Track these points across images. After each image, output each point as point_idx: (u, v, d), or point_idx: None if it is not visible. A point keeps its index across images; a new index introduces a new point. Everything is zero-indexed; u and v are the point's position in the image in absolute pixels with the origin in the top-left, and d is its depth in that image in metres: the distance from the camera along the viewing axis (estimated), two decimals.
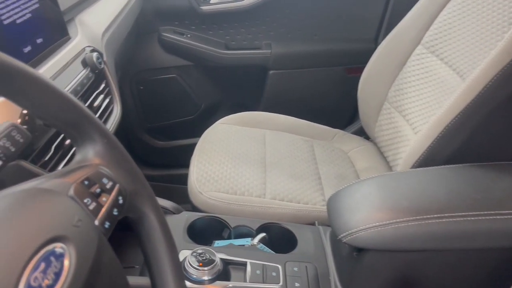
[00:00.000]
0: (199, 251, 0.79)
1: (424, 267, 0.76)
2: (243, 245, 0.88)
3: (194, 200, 1.05)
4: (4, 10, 0.59)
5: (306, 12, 1.46)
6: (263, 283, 0.78)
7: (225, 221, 0.93)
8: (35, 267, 0.31)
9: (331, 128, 1.36)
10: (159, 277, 0.50)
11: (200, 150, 1.18)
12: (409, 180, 0.80)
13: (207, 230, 0.93)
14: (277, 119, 1.35)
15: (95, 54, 0.76)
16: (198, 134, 1.27)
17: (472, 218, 0.70)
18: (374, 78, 1.23)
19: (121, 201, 0.45)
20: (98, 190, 0.43)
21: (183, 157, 1.33)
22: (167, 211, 0.93)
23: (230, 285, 0.77)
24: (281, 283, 0.79)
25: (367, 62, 1.23)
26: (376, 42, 1.49)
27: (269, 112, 1.35)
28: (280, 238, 0.93)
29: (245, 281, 0.79)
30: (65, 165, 0.63)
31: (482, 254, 0.75)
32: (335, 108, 1.61)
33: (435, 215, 0.71)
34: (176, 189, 1.55)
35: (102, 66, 0.78)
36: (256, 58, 1.50)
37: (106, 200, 0.43)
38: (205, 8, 1.42)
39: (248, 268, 0.81)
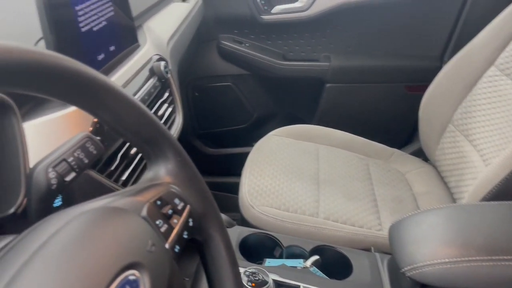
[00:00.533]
0: (252, 271, 0.77)
1: None
2: (296, 266, 0.85)
3: (244, 213, 1.03)
4: (83, 18, 0.60)
5: (368, 26, 1.42)
6: None
7: (277, 239, 0.90)
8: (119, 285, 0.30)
9: (388, 147, 1.31)
10: None
11: (252, 161, 1.17)
12: (483, 215, 0.74)
13: (258, 247, 0.91)
14: (332, 134, 1.31)
15: (162, 63, 0.76)
16: (249, 143, 1.25)
17: None
18: (439, 97, 1.17)
19: (191, 224, 0.44)
20: (170, 212, 0.42)
21: (233, 166, 1.32)
22: None
23: None
24: None
25: (430, 80, 1.18)
26: (441, 60, 1.42)
27: (323, 126, 1.32)
28: (334, 262, 0.89)
29: None
30: (129, 175, 0.62)
31: None
32: (393, 126, 1.54)
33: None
34: (224, 197, 1.54)
35: (168, 75, 0.78)
36: (313, 70, 1.47)
37: (177, 222, 0.42)
38: (266, 17, 1.41)
39: None
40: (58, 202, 0.48)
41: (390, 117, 1.52)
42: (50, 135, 0.50)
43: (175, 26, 1.02)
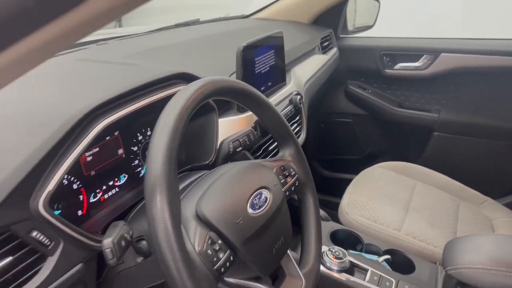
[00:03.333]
0: (335, 249, 1.08)
1: None
2: (370, 259, 1.13)
3: (341, 218, 1.33)
4: (257, 65, 1.02)
5: (478, 87, 1.61)
6: (377, 286, 1.02)
7: (360, 237, 1.19)
8: (255, 196, 0.67)
9: (482, 195, 1.47)
10: (306, 238, 0.81)
11: (355, 183, 1.46)
12: None
13: (345, 240, 1.20)
14: (431, 174, 1.53)
15: (298, 97, 1.14)
16: (358, 172, 1.54)
17: None
18: None
19: (296, 184, 0.79)
20: (286, 173, 0.77)
21: (340, 188, 1.62)
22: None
23: (351, 279, 1.03)
24: None
25: None
26: None
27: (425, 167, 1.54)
28: (401, 263, 1.13)
29: (363, 280, 1.03)
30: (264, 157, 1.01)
31: None
32: (490, 177, 1.67)
33: None
34: (327, 211, 1.85)
35: (301, 105, 1.16)
36: (424, 119, 1.71)
37: (290, 181, 0.78)
38: (388, 71, 1.72)
39: (369, 273, 1.05)
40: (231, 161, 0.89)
41: (489, 169, 1.66)
42: (231, 127, 0.91)
43: (313, 72, 1.41)
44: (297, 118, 1.19)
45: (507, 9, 2.59)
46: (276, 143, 1.07)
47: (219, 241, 0.58)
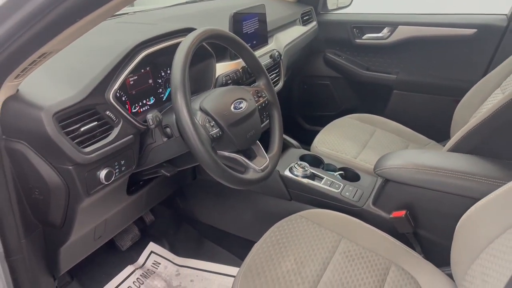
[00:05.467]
0: (301, 163, 1.49)
1: (421, 199, 1.27)
2: (327, 172, 1.54)
3: (311, 150, 1.74)
4: (245, 27, 1.41)
5: (429, 53, 2.00)
6: (329, 187, 1.43)
7: (322, 159, 1.60)
8: (236, 101, 1.08)
9: (427, 138, 1.86)
10: (272, 136, 1.21)
11: (327, 128, 1.86)
12: (437, 154, 1.32)
13: (311, 161, 1.61)
14: (389, 123, 1.92)
15: (277, 53, 1.54)
16: None
17: (453, 175, 1.20)
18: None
19: (266, 103, 1.20)
20: (259, 95, 1.18)
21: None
22: (292, 145, 1.66)
23: (311, 182, 1.44)
24: (338, 190, 1.42)
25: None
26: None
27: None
28: (351, 176, 1.54)
29: (320, 183, 1.44)
30: None
31: (454, 199, 1.21)
32: (436, 125, 2.04)
33: (435, 170, 1.22)
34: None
35: (279, 60, 1.56)
36: (386, 79, 2.10)
37: (261, 100, 1.18)
38: (358, 41, 2.11)
39: (324, 179, 1.46)
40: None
41: (436, 119, 2.05)
42: (225, 69, 1.31)
43: (292, 38, 1.80)
44: (277, 70, 1.59)
45: None
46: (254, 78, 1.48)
47: (212, 122, 1.00)
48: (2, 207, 0.92)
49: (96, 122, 0.93)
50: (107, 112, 0.96)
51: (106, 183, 0.99)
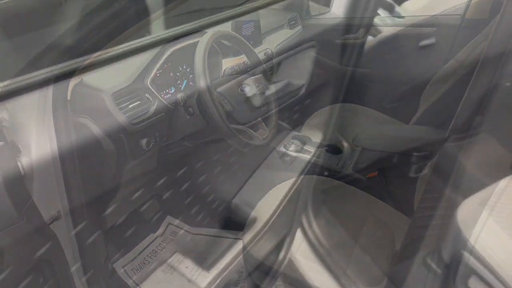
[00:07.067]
0: (293, 140, 1.81)
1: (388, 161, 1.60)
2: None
3: (301, 131, 2.07)
4: (244, 31, 1.74)
5: (392, 50, 2.34)
6: (317, 158, 1.75)
7: (310, 138, 1.93)
8: (242, 87, 1.40)
9: (398, 121, 2.20)
10: (270, 116, 1.54)
11: (314, 116, 2.19)
12: (397, 128, 1.66)
13: (301, 140, 1.93)
14: (365, 110, 2.26)
15: (269, 51, 1.87)
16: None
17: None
18: None
19: (264, 88, 1.52)
20: (258, 82, 1.50)
21: None
22: (286, 128, 1.99)
23: (300, 154, 1.77)
24: (324, 161, 1.74)
25: None
26: None
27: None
28: (336, 151, 1.87)
29: (309, 155, 1.77)
30: None
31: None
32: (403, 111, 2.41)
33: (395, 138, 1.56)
34: None
35: (271, 57, 1.89)
36: (361, 73, 2.45)
37: (260, 87, 1.51)
38: (337, 41, 2.45)
39: (312, 152, 1.79)
40: None
41: (406, 106, 2.40)
42: (229, 62, 1.64)
43: (281, 40, 2.14)
44: (270, 65, 1.92)
45: None
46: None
47: (225, 101, 1.31)
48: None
49: (139, 102, 1.25)
50: (146, 95, 1.27)
51: (146, 149, 1.30)
